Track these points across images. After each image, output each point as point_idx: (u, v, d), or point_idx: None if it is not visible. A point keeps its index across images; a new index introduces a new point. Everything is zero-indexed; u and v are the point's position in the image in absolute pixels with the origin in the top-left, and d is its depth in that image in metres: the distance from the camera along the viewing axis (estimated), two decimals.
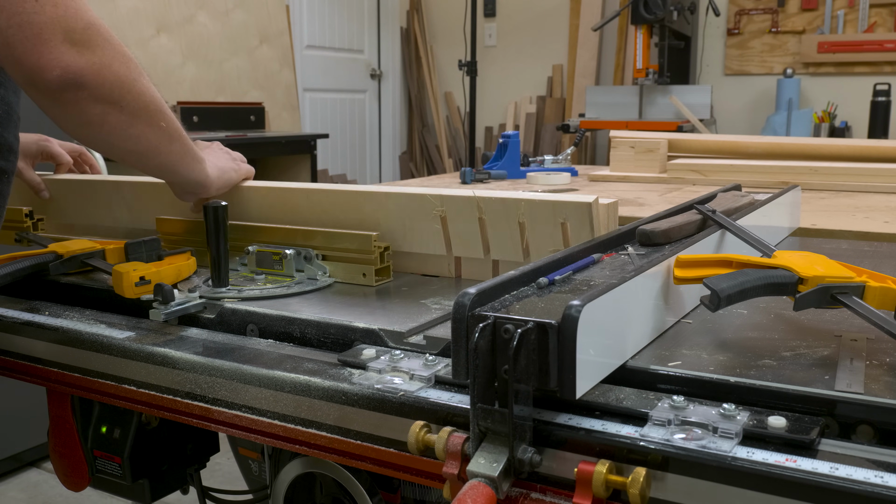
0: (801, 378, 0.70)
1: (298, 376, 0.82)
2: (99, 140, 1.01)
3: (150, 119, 1.01)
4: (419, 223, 1.13)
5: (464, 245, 1.11)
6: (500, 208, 1.07)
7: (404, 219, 1.13)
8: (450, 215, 1.11)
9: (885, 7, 4.64)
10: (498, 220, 1.08)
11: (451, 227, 1.11)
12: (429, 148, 6.03)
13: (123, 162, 1.08)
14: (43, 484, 2.75)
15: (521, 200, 1.05)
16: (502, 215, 1.07)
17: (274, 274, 1.14)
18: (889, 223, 1.49)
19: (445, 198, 1.10)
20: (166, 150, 1.06)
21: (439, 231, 1.12)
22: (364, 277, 1.11)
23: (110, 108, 0.96)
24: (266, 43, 4.43)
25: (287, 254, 1.13)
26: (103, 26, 0.94)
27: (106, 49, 0.94)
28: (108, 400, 0.99)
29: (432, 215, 1.11)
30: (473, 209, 1.09)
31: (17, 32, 0.88)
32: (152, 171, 1.12)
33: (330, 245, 1.13)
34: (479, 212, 1.08)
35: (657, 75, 4.08)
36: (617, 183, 2.21)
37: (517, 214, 1.06)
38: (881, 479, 0.57)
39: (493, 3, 5.75)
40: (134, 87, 0.97)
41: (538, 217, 1.05)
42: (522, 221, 1.06)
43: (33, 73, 0.89)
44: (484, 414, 0.65)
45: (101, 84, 0.93)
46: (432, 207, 1.11)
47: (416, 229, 1.13)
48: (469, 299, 0.68)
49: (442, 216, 1.11)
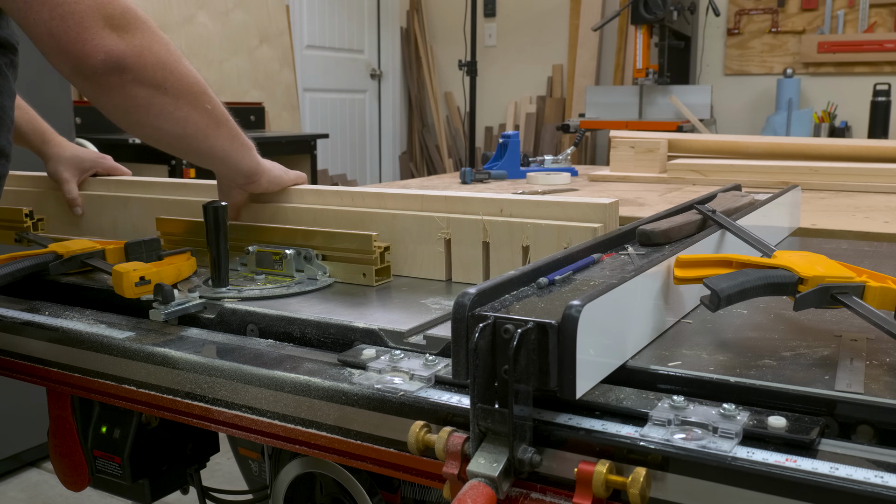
0: (801, 378, 0.70)
1: (298, 376, 0.82)
2: (146, 125, 1.02)
3: (195, 101, 1.02)
4: (422, 246, 1.13)
5: (464, 270, 1.11)
6: (505, 231, 1.07)
7: (408, 242, 1.14)
8: (455, 238, 1.11)
9: (885, 7, 4.64)
10: (502, 243, 1.08)
11: (455, 249, 1.12)
12: (429, 148, 6.03)
13: (171, 150, 1.09)
14: (43, 484, 2.75)
15: (528, 224, 1.06)
16: (507, 239, 1.08)
17: (274, 274, 1.14)
18: (889, 223, 1.49)
19: (453, 220, 1.11)
20: (213, 133, 1.07)
21: (441, 255, 1.12)
22: (364, 277, 1.11)
23: (154, 91, 0.97)
24: (266, 43, 4.43)
25: (287, 254, 1.12)
26: (139, 11, 0.97)
27: (145, 32, 0.96)
28: (108, 400, 0.99)
29: (436, 238, 1.12)
30: (479, 232, 1.09)
31: (60, 24, 0.90)
32: (201, 156, 1.11)
33: (330, 245, 1.13)
34: (485, 235, 1.09)
35: (657, 75, 4.08)
36: (617, 183, 2.21)
37: (522, 238, 1.07)
38: (881, 479, 0.57)
39: (493, 3, 5.75)
40: (176, 69, 0.99)
41: (542, 240, 1.06)
42: (527, 245, 1.06)
43: (79, 60, 0.92)
44: (484, 414, 0.65)
45: (143, 66, 0.95)
46: (438, 229, 1.12)
47: (419, 253, 1.14)
48: (469, 299, 0.68)
49: (447, 238, 1.12)
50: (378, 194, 1.18)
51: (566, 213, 1.06)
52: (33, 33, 0.92)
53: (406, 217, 1.14)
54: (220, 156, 1.11)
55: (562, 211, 1.06)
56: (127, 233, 1.36)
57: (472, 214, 1.10)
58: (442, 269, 1.12)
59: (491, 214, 1.09)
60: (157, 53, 0.97)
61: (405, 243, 1.14)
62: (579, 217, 1.05)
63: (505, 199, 1.10)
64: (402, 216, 1.14)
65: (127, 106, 0.98)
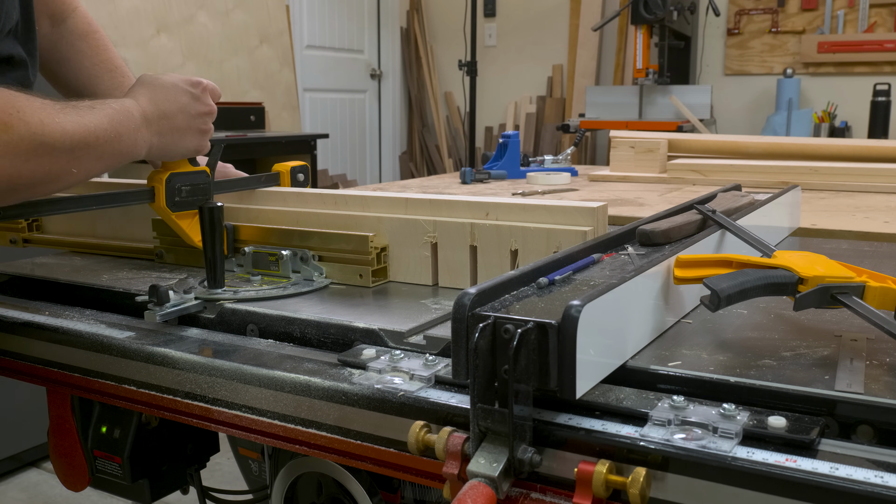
0: (801, 378, 0.70)
1: (298, 376, 0.82)
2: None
3: (55, 182, 0.92)
4: (407, 250, 1.12)
5: (451, 274, 1.09)
6: (493, 235, 1.06)
7: (393, 246, 1.13)
8: (441, 242, 1.09)
9: (885, 7, 4.64)
10: (490, 247, 1.06)
11: (441, 254, 1.10)
12: (429, 148, 6.03)
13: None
14: (43, 484, 2.75)
15: (517, 227, 1.04)
16: (494, 242, 1.06)
17: (270, 275, 1.13)
18: (889, 223, 1.49)
19: (439, 223, 1.09)
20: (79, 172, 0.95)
21: (428, 259, 1.10)
22: (360, 278, 1.10)
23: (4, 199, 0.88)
24: (266, 43, 4.43)
25: (283, 255, 1.12)
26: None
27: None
28: (109, 400, 0.99)
29: (423, 242, 1.10)
30: (466, 236, 1.07)
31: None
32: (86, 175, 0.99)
33: (326, 246, 1.13)
34: (472, 238, 1.07)
35: (657, 75, 4.08)
36: (617, 183, 2.21)
37: (510, 242, 1.05)
38: (881, 479, 0.57)
39: (493, 3, 5.75)
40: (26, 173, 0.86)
41: (531, 244, 1.04)
42: (515, 249, 1.05)
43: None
44: (484, 414, 0.65)
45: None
46: (424, 233, 1.10)
47: (404, 257, 1.12)
48: (469, 299, 0.68)
49: (433, 242, 1.10)
50: (362, 197, 1.17)
51: (554, 217, 1.04)
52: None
53: (391, 220, 1.12)
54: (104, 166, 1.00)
55: (549, 215, 1.05)
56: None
57: (458, 218, 1.09)
58: (429, 274, 1.11)
59: (477, 218, 1.08)
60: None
61: (391, 247, 1.13)
62: (568, 221, 1.03)
63: (491, 202, 1.08)
64: (388, 219, 1.13)
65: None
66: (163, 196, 1.12)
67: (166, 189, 1.12)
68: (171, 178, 1.13)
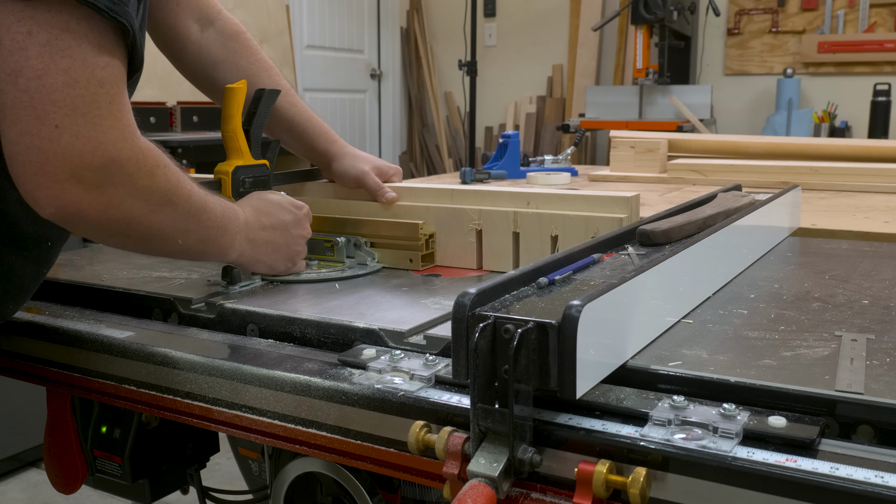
0: (801, 378, 0.70)
1: (298, 376, 0.82)
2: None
3: (163, 243, 0.93)
4: (453, 237, 1.20)
5: (495, 258, 1.18)
6: (534, 222, 1.14)
7: (440, 233, 1.21)
8: (485, 229, 1.18)
9: (885, 7, 4.64)
10: (531, 233, 1.14)
11: (486, 240, 1.18)
12: (429, 148, 6.03)
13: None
14: (43, 484, 2.75)
15: (557, 215, 1.12)
16: (536, 229, 1.14)
17: (325, 260, 1.22)
18: (889, 223, 1.49)
19: (484, 212, 1.18)
20: (183, 245, 0.95)
21: (473, 245, 1.19)
22: (411, 263, 1.20)
23: (114, 239, 0.90)
24: (266, 43, 4.43)
25: (338, 241, 1.21)
26: (133, 158, 0.82)
27: (122, 186, 0.82)
28: (109, 400, 0.99)
29: (468, 229, 1.19)
30: (509, 223, 1.16)
31: (21, 152, 0.77)
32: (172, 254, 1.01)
33: (377, 233, 1.22)
34: (515, 225, 1.15)
35: (657, 75, 4.08)
36: (617, 183, 2.21)
37: (550, 228, 1.12)
38: (881, 479, 0.57)
39: (493, 3, 5.75)
40: (146, 220, 0.87)
41: (570, 230, 1.11)
42: (555, 235, 1.12)
43: (27, 197, 0.80)
44: (484, 414, 0.65)
45: (105, 221, 0.83)
46: (469, 220, 1.19)
47: (450, 244, 1.21)
48: (469, 299, 0.68)
49: (478, 229, 1.18)
50: (410, 189, 1.27)
51: (591, 206, 1.12)
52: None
53: (438, 210, 1.21)
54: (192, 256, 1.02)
55: (587, 204, 1.12)
56: None
57: (501, 207, 1.17)
58: (473, 259, 1.19)
59: (519, 207, 1.16)
60: (127, 209, 0.84)
61: (438, 234, 1.22)
62: (604, 209, 1.11)
63: (532, 192, 1.17)
64: (435, 209, 1.21)
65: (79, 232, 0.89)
66: (229, 187, 1.16)
67: (232, 180, 1.15)
68: (237, 171, 1.16)
